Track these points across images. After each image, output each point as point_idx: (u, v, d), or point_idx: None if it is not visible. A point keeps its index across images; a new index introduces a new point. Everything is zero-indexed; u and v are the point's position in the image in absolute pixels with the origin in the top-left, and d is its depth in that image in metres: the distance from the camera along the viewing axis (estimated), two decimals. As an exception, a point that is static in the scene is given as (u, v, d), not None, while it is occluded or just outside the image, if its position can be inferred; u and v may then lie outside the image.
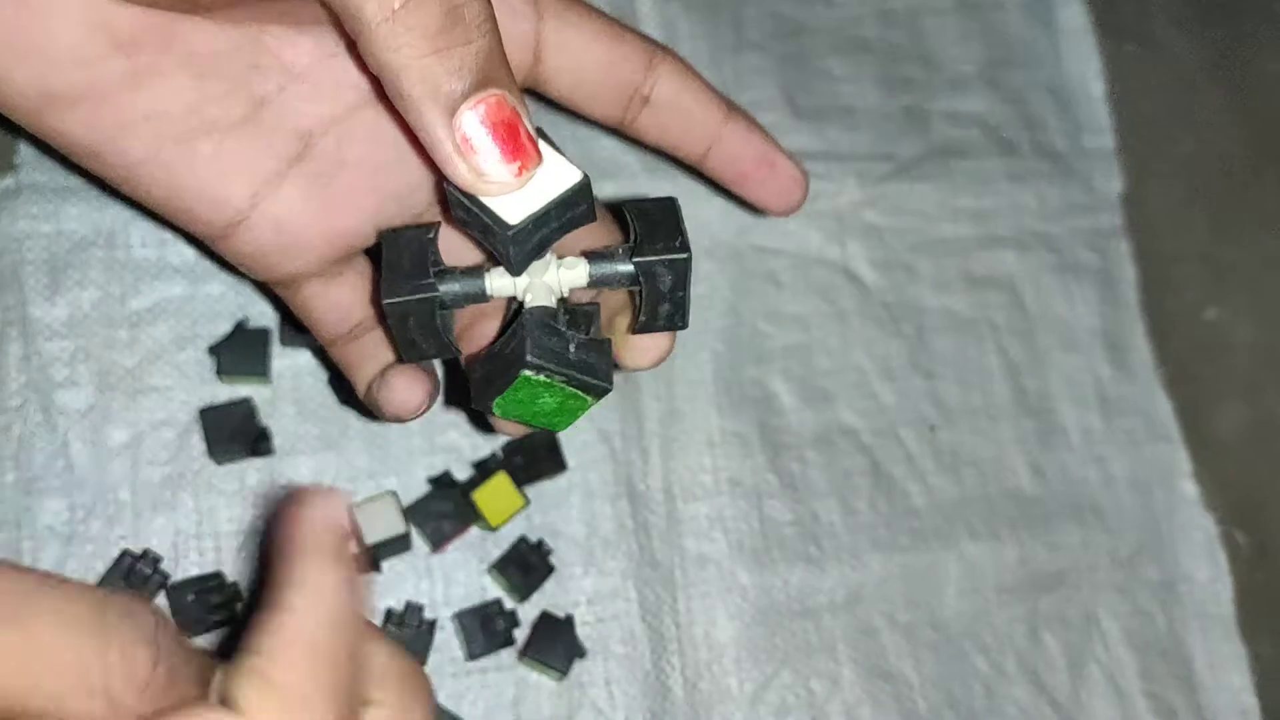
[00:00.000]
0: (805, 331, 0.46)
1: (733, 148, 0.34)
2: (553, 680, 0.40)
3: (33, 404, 0.38)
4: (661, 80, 0.32)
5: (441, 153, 0.25)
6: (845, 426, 0.45)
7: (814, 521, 0.44)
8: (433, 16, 0.24)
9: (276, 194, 0.29)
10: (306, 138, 0.29)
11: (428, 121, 0.25)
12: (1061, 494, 0.47)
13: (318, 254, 0.30)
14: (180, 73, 0.27)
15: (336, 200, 0.30)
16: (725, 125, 0.33)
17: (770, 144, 0.34)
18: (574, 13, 0.31)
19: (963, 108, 0.50)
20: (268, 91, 0.29)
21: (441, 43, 0.24)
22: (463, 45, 0.24)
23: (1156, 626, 0.47)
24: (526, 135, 0.25)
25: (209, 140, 0.28)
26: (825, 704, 0.42)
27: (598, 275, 0.28)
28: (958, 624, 0.45)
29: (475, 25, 0.25)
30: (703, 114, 0.33)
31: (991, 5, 0.52)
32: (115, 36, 0.26)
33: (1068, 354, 0.49)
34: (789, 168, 0.34)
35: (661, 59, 0.32)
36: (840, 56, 0.49)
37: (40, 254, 0.39)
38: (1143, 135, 0.53)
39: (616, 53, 0.31)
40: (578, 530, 0.42)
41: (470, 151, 0.25)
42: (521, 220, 0.25)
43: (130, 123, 0.27)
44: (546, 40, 0.30)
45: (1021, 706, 0.44)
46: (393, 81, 0.25)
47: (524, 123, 0.25)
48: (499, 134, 0.25)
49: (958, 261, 0.48)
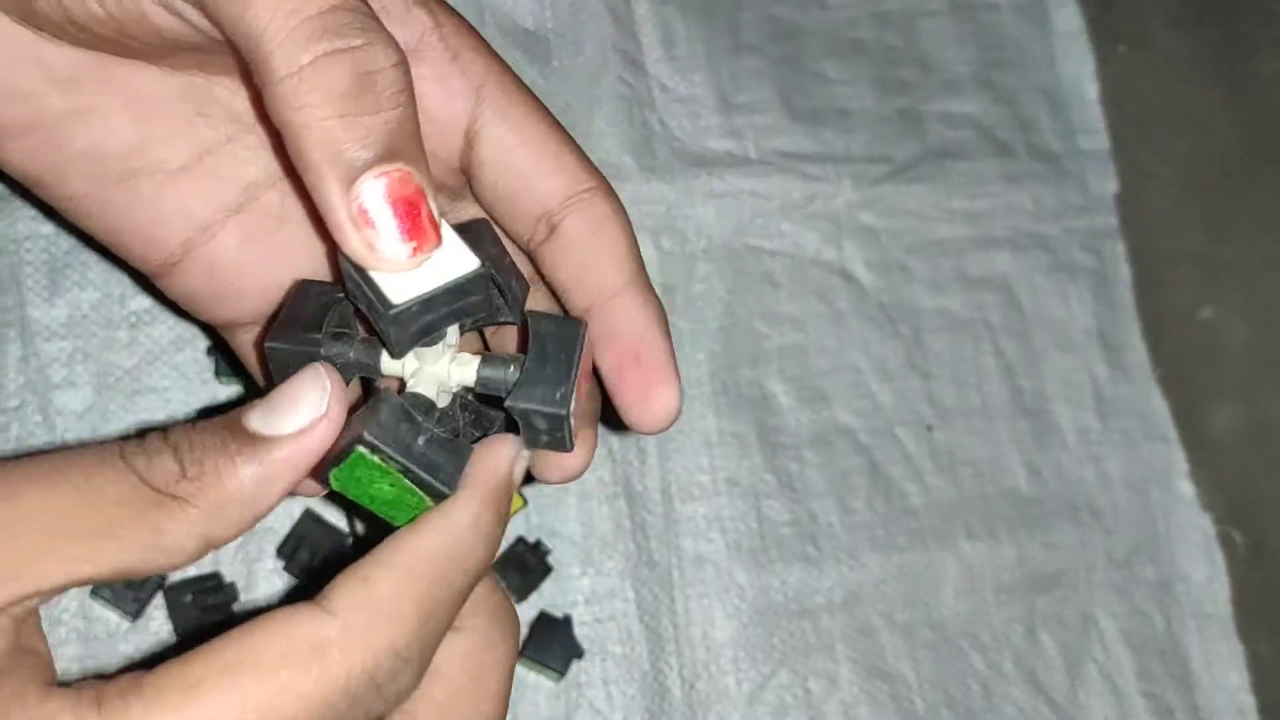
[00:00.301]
0: (802, 332, 0.46)
1: (615, 321, 0.28)
2: (551, 680, 0.40)
3: (31, 405, 0.38)
4: (574, 214, 0.28)
5: (334, 220, 0.23)
6: (842, 426, 0.46)
7: (811, 521, 0.44)
8: (342, 78, 0.23)
9: (212, 242, 0.29)
10: (250, 189, 0.29)
11: (324, 187, 0.23)
12: (1058, 494, 0.47)
13: (252, 304, 0.30)
14: (122, 114, 0.28)
15: (275, 254, 0.29)
16: (620, 294, 0.28)
17: (657, 339, 0.28)
18: (518, 111, 0.28)
19: (958, 109, 0.50)
20: (215, 139, 0.29)
21: (348, 107, 0.23)
22: (371, 114, 0.23)
23: (1154, 626, 0.47)
24: (428, 216, 0.24)
25: (150, 182, 0.28)
26: (823, 704, 0.42)
27: (484, 380, 0.26)
28: (955, 624, 0.45)
29: (387, 94, 0.23)
30: (600, 270, 0.28)
31: (986, 7, 0.52)
32: (51, 74, 0.27)
33: (1063, 354, 0.49)
34: (662, 377, 0.28)
35: (589, 195, 0.29)
36: (836, 59, 0.50)
37: (39, 255, 0.39)
38: (1137, 136, 0.53)
39: (542, 167, 0.28)
40: (575, 531, 0.42)
41: (365, 225, 0.23)
42: (405, 301, 0.24)
43: (71, 158, 0.28)
44: (480, 132, 0.28)
45: (1019, 706, 0.44)
46: (293, 140, 0.23)
47: (428, 202, 0.24)
48: (399, 210, 0.23)
49: (953, 262, 0.49)
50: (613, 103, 0.46)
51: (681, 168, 0.46)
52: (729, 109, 0.47)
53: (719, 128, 0.47)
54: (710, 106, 0.47)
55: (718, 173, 0.46)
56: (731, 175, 0.46)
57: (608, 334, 0.28)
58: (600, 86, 0.46)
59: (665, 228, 0.45)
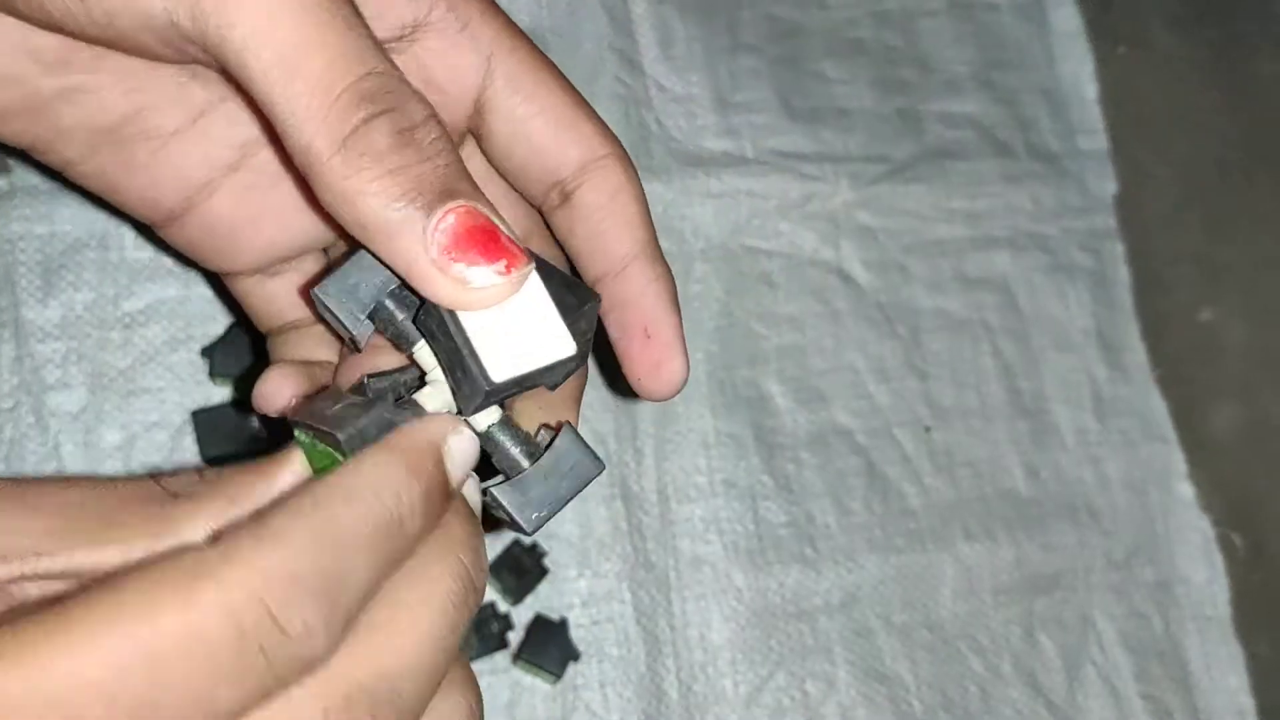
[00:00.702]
0: (799, 332, 0.46)
1: (626, 292, 0.29)
2: (547, 683, 0.40)
3: (25, 406, 0.38)
4: (589, 184, 0.28)
5: (420, 273, 0.23)
6: (840, 427, 0.45)
7: (809, 523, 0.44)
8: (383, 139, 0.23)
9: (210, 200, 0.29)
10: (245, 148, 0.29)
11: (399, 245, 0.23)
12: (1057, 495, 0.47)
13: (250, 257, 0.30)
14: (114, 88, 0.28)
15: (270, 211, 0.30)
16: (632, 265, 0.28)
17: (666, 311, 0.29)
18: (530, 79, 0.28)
19: (957, 109, 0.50)
20: (207, 101, 0.29)
21: (395, 162, 0.23)
22: (418, 163, 0.23)
23: (1152, 628, 0.47)
24: (507, 239, 0.24)
25: (145, 147, 0.28)
26: (820, 706, 0.42)
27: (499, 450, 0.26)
28: (953, 625, 0.44)
29: (428, 143, 0.24)
30: (612, 240, 0.29)
31: (985, 7, 0.52)
32: (41, 59, 0.27)
33: (1062, 355, 0.49)
34: (670, 349, 0.28)
35: (603, 162, 0.28)
36: (835, 58, 0.50)
37: (33, 256, 0.39)
38: (1137, 137, 0.53)
39: (559, 138, 0.28)
40: (572, 532, 0.42)
41: (449, 265, 0.23)
42: (504, 381, 0.24)
43: (65, 131, 0.28)
44: (490, 102, 0.28)
45: (1017, 708, 0.44)
46: (349, 209, 0.23)
47: (502, 229, 0.24)
48: (475, 239, 0.23)
49: (952, 262, 0.48)
50: (609, 102, 0.46)
51: (678, 167, 0.46)
52: (726, 108, 0.47)
53: (716, 127, 0.47)
54: (707, 106, 0.47)
55: (715, 172, 0.46)
56: (729, 175, 0.46)
57: (619, 304, 0.29)
58: (597, 85, 0.46)
59: (662, 228, 0.45)
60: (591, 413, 0.42)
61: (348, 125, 0.23)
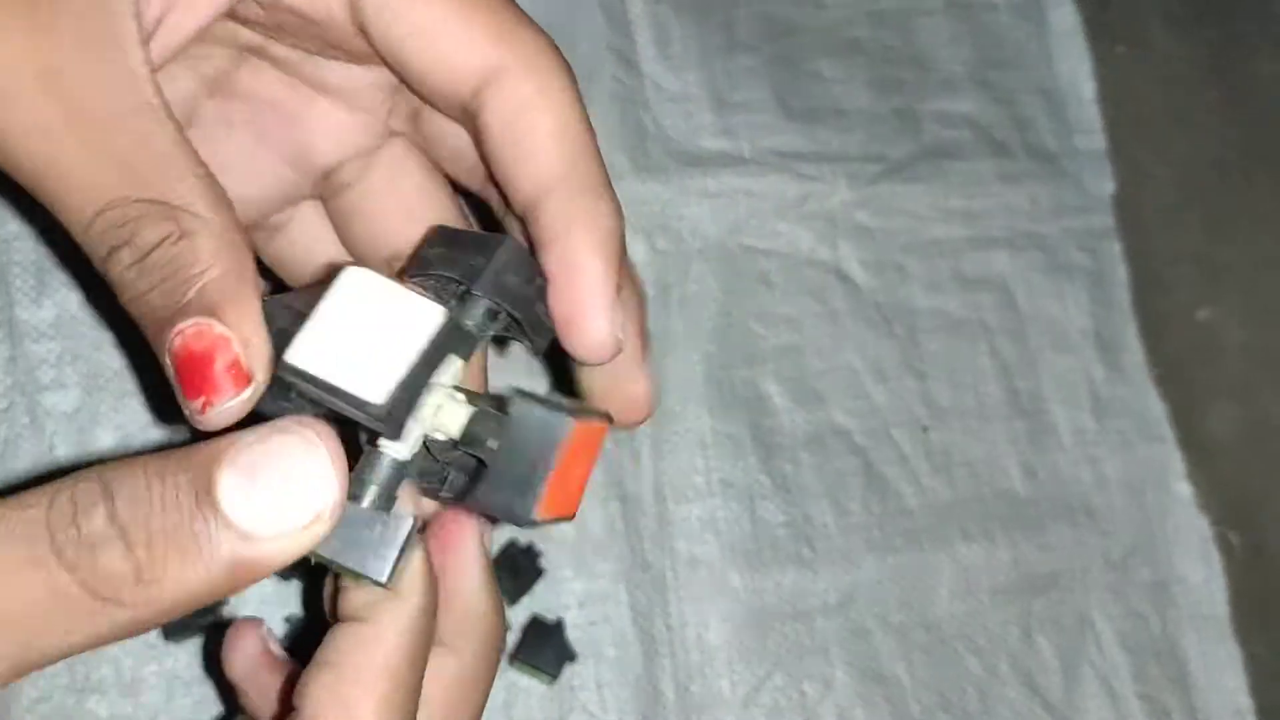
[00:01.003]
0: (797, 332, 0.46)
1: (541, 233, 0.24)
2: (544, 684, 0.40)
3: (19, 406, 0.38)
4: (487, 109, 0.24)
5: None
6: (838, 427, 0.45)
7: (806, 523, 0.44)
8: (125, 270, 0.22)
9: None
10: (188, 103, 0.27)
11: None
12: (1054, 495, 0.47)
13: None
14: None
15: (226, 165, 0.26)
16: (544, 199, 0.24)
17: (588, 255, 0.24)
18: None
19: (954, 109, 0.50)
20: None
21: (133, 291, 0.22)
22: (146, 293, 0.22)
23: (1150, 628, 0.47)
24: (225, 365, 0.21)
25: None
26: (818, 706, 0.42)
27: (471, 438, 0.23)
28: (951, 626, 0.45)
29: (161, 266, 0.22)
30: (520, 172, 0.24)
31: (983, 6, 0.52)
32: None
33: (1060, 354, 0.49)
34: (584, 304, 0.24)
35: (497, 77, 0.24)
36: (831, 57, 0.50)
37: (27, 255, 0.39)
38: (1134, 136, 0.53)
39: (441, 43, 0.24)
40: (568, 533, 0.41)
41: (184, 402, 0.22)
42: (388, 397, 0.21)
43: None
44: (368, 27, 0.24)
45: (1015, 709, 0.44)
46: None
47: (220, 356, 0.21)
48: (191, 369, 0.22)
49: (949, 262, 0.49)
50: (607, 101, 0.46)
51: (676, 167, 0.46)
52: (723, 108, 0.47)
53: (713, 127, 0.47)
54: (705, 105, 0.47)
55: (712, 172, 0.46)
56: (726, 175, 0.46)
57: (540, 249, 0.24)
58: (594, 85, 0.46)
59: (659, 227, 0.45)
60: (588, 413, 0.43)
61: (100, 253, 0.22)
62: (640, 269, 0.45)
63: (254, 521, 0.19)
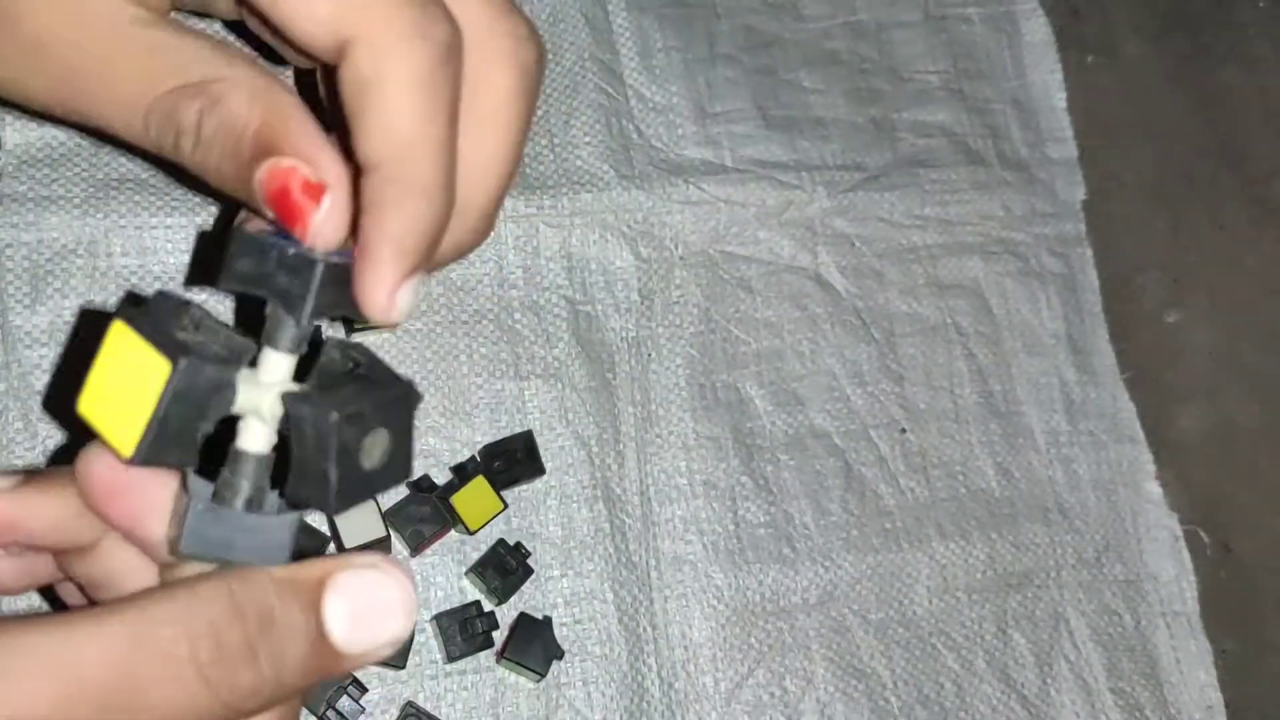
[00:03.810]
0: (777, 337, 0.47)
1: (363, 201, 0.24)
2: (531, 681, 0.41)
3: (13, 411, 0.38)
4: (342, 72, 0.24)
5: None
6: (817, 430, 0.46)
7: (787, 523, 0.45)
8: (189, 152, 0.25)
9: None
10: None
11: None
12: (1028, 495, 0.48)
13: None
14: None
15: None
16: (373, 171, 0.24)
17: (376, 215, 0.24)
18: None
19: (929, 118, 0.51)
20: None
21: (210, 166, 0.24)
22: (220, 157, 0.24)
23: (1123, 624, 0.48)
24: (301, 189, 0.23)
25: None
26: (799, 702, 0.43)
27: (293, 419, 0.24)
28: (929, 622, 0.45)
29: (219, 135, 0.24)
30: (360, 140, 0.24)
31: (957, 18, 0.53)
32: None
33: (1033, 358, 0.50)
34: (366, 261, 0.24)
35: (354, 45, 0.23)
36: (811, 69, 0.50)
37: (21, 262, 0.39)
38: (1105, 144, 0.54)
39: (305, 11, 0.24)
40: (555, 533, 0.42)
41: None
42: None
43: None
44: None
45: (991, 703, 0.45)
46: None
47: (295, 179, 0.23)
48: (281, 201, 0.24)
49: (925, 268, 0.49)
50: (590, 112, 0.46)
51: (659, 176, 0.46)
52: (705, 118, 0.48)
53: (696, 136, 0.48)
54: (687, 115, 0.48)
55: (695, 181, 0.47)
56: (708, 183, 0.47)
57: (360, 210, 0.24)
58: (578, 96, 0.46)
59: (643, 235, 0.46)
60: (574, 416, 0.43)
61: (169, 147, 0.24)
62: (624, 276, 0.45)
63: (354, 646, 0.22)
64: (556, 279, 0.44)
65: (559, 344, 0.44)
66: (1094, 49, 0.55)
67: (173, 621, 0.20)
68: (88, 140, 0.41)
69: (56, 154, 0.40)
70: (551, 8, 0.47)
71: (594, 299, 0.45)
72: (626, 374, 0.44)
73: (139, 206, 0.41)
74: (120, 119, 0.25)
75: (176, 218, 0.41)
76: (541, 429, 0.43)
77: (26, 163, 0.40)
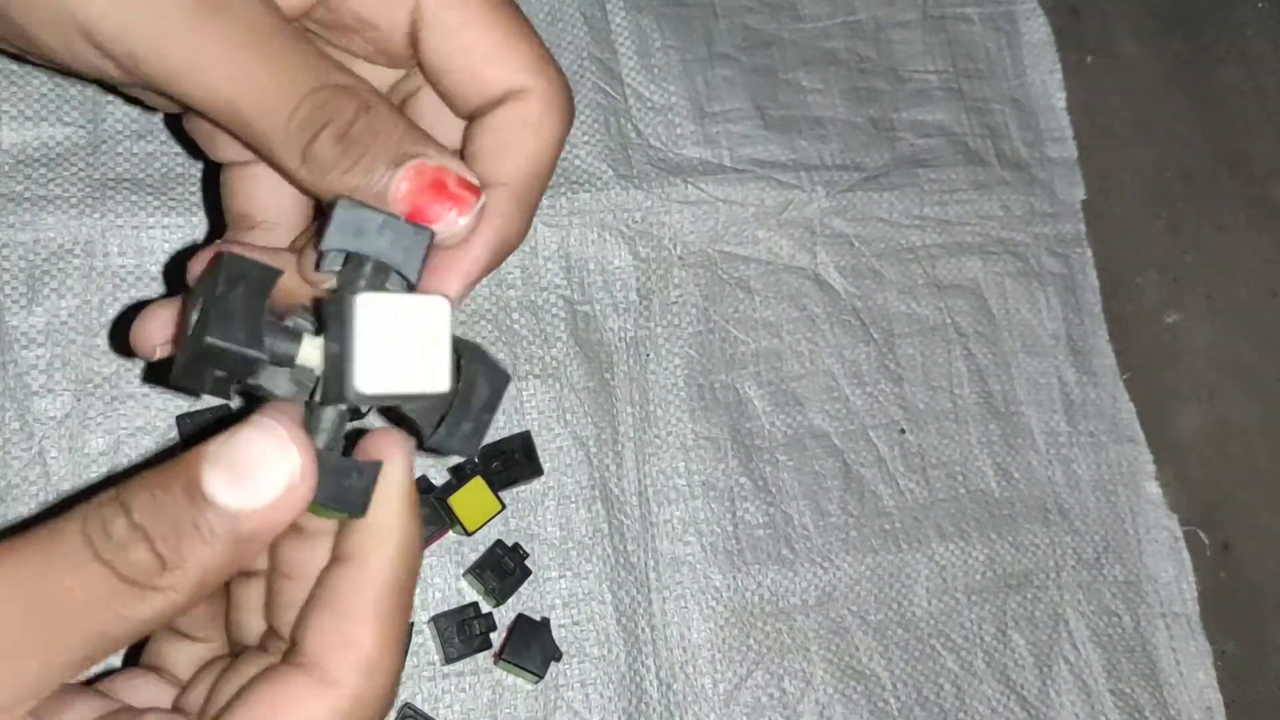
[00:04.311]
0: (776, 337, 0.47)
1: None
2: (529, 683, 0.40)
3: (9, 411, 0.38)
4: (503, 111, 0.28)
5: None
6: (816, 430, 0.46)
7: (786, 524, 0.45)
8: (329, 149, 0.26)
9: None
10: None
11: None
12: (1028, 495, 0.48)
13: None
14: None
15: None
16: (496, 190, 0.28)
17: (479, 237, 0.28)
18: (459, 5, 0.28)
19: (928, 118, 0.51)
20: None
21: (344, 165, 0.26)
22: (360, 157, 0.26)
23: (1122, 625, 0.48)
24: (457, 182, 0.26)
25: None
26: (798, 703, 0.43)
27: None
28: (928, 623, 0.45)
29: (368, 132, 0.26)
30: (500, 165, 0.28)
31: (956, 18, 0.53)
32: None
33: (1032, 358, 0.50)
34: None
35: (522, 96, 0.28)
36: (809, 68, 0.50)
37: (18, 263, 0.39)
38: (1104, 144, 0.54)
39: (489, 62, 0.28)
40: (553, 534, 0.42)
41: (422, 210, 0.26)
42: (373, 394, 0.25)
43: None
44: (422, 32, 0.28)
45: (991, 704, 0.45)
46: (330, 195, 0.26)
47: (450, 176, 0.26)
48: (430, 192, 0.26)
49: (924, 268, 0.49)
50: (589, 111, 0.46)
51: (658, 175, 0.46)
52: (704, 117, 0.48)
53: (694, 136, 0.48)
54: (686, 115, 0.48)
55: (693, 180, 0.47)
56: (707, 183, 0.47)
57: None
58: (577, 95, 0.46)
59: (641, 235, 0.46)
60: (572, 417, 0.43)
61: (302, 143, 0.26)
62: (623, 275, 0.45)
63: (240, 501, 0.23)
64: (554, 279, 0.44)
65: (557, 344, 0.44)
66: (1093, 49, 0.55)
67: (72, 530, 0.23)
68: (84, 140, 0.41)
69: (53, 154, 0.40)
70: (550, 7, 0.47)
71: (592, 299, 0.45)
72: (625, 374, 0.44)
73: (136, 206, 0.40)
74: (270, 102, 0.26)
75: (174, 218, 0.41)
76: (539, 429, 0.43)
77: (23, 162, 0.40)
